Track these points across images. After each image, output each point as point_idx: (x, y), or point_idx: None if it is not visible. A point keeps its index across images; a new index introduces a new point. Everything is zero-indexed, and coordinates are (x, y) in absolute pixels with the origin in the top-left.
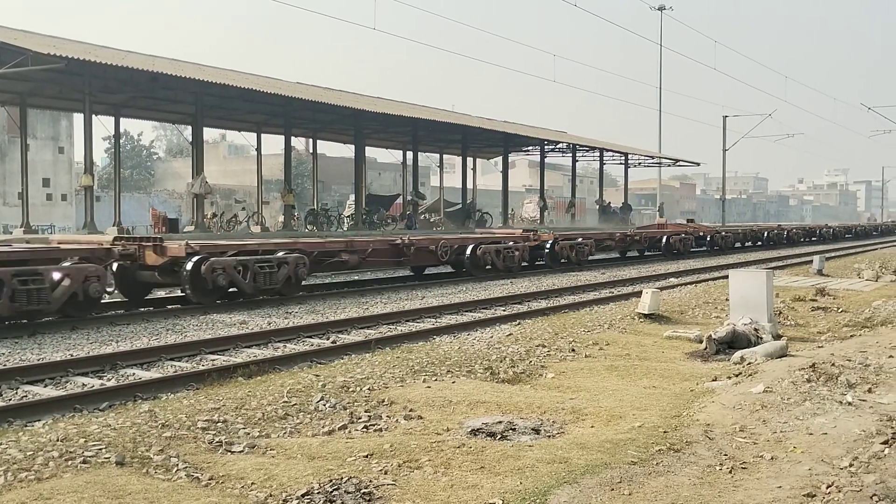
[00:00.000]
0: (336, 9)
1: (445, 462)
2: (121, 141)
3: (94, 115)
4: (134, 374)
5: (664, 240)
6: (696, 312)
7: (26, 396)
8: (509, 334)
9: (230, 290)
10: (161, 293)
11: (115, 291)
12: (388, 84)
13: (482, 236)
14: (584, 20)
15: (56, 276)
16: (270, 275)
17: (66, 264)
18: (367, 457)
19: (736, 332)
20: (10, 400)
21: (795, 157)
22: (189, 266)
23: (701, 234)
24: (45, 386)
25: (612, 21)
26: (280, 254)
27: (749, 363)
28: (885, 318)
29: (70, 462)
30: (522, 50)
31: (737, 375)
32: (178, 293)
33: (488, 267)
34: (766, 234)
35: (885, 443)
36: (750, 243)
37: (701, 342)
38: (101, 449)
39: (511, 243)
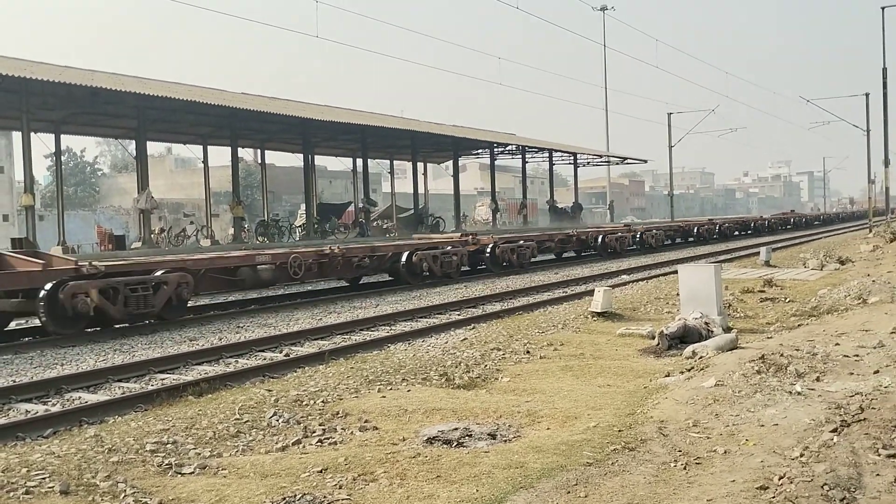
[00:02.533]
0: (278, 18)
1: (401, 473)
2: (63, 158)
3: (33, 133)
4: (80, 397)
5: (600, 239)
6: (649, 308)
7: None
8: (464, 339)
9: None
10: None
11: None
12: (335, 92)
13: (418, 242)
14: (527, 22)
15: None
16: (145, 297)
17: None
18: (321, 472)
19: (687, 326)
20: None
21: (739, 151)
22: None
23: (636, 233)
24: None
25: (555, 23)
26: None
27: (700, 357)
28: (830, 307)
29: (12, 493)
30: (468, 53)
31: (689, 370)
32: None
33: (426, 274)
34: (695, 230)
35: (834, 431)
36: (681, 240)
37: (653, 338)
38: (44, 478)
39: (449, 248)
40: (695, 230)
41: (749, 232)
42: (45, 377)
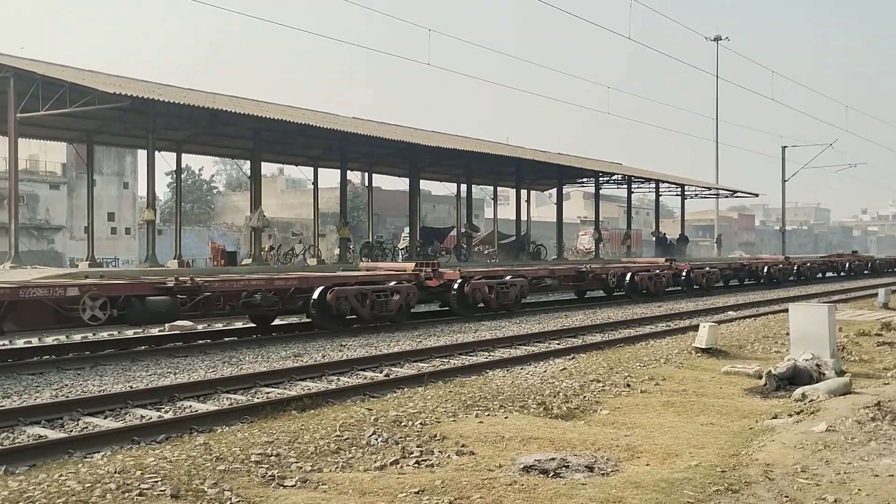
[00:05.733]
0: (392, 46)
1: (497, 499)
2: (182, 176)
3: (157, 151)
4: (191, 406)
5: (628, 277)
6: (755, 347)
7: (87, 428)
8: (563, 368)
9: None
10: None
11: None
12: (443, 118)
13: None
14: (638, 52)
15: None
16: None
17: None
18: (418, 493)
19: (797, 367)
20: (71, 431)
21: (858, 188)
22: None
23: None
24: (106, 417)
25: (667, 53)
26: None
27: (811, 400)
28: None
29: (127, 494)
30: (576, 83)
31: (798, 413)
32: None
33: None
34: (766, 269)
35: None
36: (793, 279)
37: (760, 378)
38: (157, 481)
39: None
40: (765, 269)
41: (832, 274)
42: (159, 385)
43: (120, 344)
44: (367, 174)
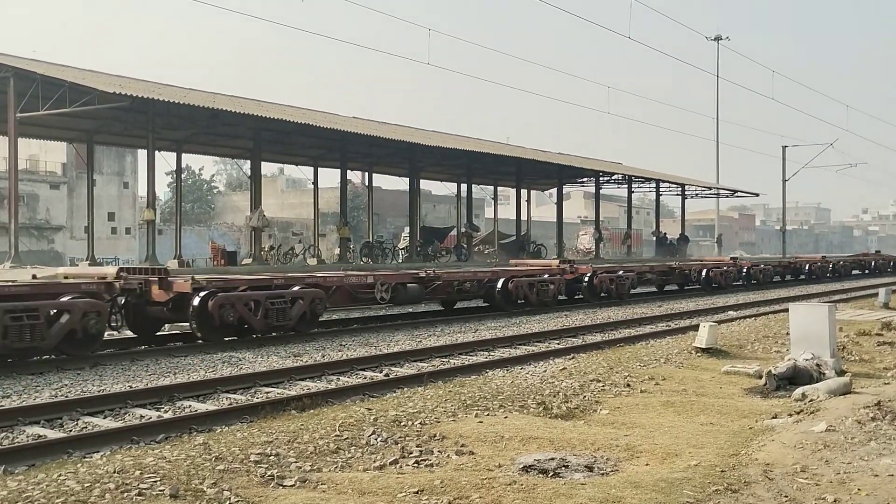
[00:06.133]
0: (391, 44)
1: (496, 499)
2: (182, 176)
3: (157, 151)
4: (190, 406)
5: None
6: (756, 347)
7: (86, 428)
8: (563, 368)
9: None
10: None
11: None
12: (443, 117)
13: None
14: (638, 51)
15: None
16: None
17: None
18: (417, 493)
19: (797, 367)
20: (70, 431)
21: (859, 188)
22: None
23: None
24: (105, 417)
25: (668, 53)
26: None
27: (811, 400)
28: None
29: (126, 494)
30: (576, 82)
31: (798, 413)
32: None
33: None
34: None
35: None
36: (791, 277)
37: (760, 378)
38: (156, 481)
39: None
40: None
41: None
42: (158, 384)
43: (119, 344)
44: (367, 174)
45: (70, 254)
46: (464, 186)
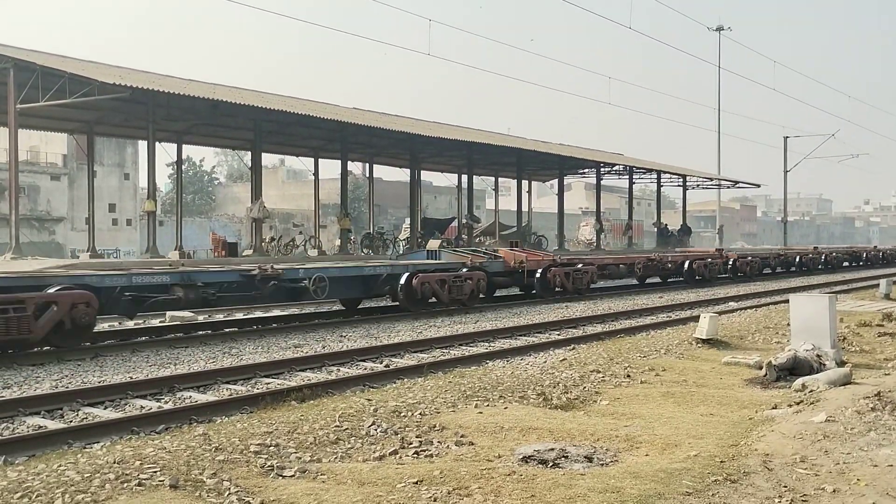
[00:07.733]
0: (391, 35)
1: (495, 490)
2: (183, 167)
3: (157, 143)
4: (190, 396)
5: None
6: (756, 337)
7: (87, 418)
8: (563, 359)
9: None
10: None
11: None
12: (444, 108)
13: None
14: (639, 42)
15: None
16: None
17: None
18: (416, 483)
19: (797, 358)
20: (70, 422)
21: (861, 178)
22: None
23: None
24: (105, 408)
25: (669, 43)
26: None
27: (811, 391)
28: None
29: (126, 484)
30: (577, 73)
31: (798, 403)
32: None
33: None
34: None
35: None
36: (794, 269)
37: (760, 368)
38: (156, 472)
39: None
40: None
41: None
42: (159, 375)
43: (120, 335)
44: (367, 165)
45: (71, 245)
46: (465, 177)
